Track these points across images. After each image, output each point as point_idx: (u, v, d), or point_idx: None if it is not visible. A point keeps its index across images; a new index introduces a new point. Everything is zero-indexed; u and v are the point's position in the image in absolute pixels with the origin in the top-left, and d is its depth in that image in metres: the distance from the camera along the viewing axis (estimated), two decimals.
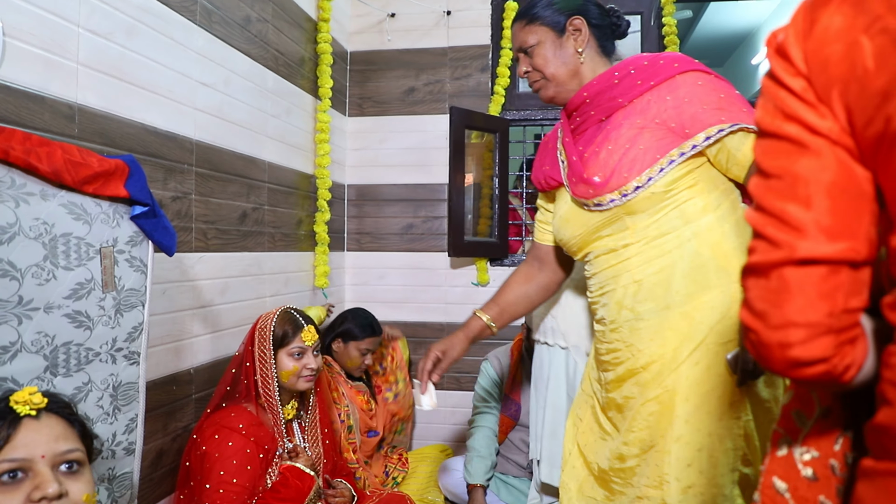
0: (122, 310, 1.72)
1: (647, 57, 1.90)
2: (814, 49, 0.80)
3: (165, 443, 2.35)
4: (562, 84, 1.97)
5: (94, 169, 1.59)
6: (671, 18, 3.76)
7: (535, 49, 1.97)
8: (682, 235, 1.79)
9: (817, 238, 0.78)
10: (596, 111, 1.92)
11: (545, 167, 2.12)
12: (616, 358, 1.89)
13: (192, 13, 2.42)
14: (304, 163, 3.50)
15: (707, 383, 1.75)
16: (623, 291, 1.85)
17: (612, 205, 1.81)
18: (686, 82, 1.79)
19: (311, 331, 2.36)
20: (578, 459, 2.04)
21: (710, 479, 1.73)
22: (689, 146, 1.74)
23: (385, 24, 4.03)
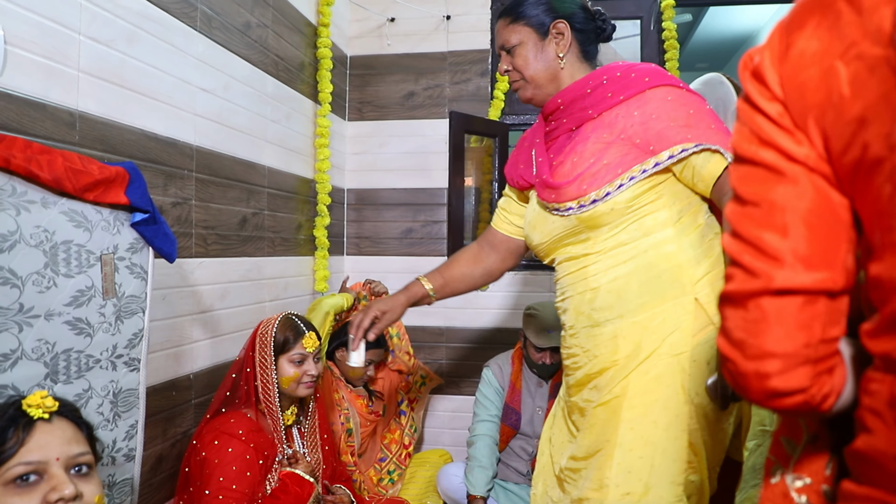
0: (122, 316, 1.72)
1: (620, 67, 1.90)
2: (790, 74, 0.79)
3: (165, 448, 2.35)
4: (540, 87, 1.99)
5: (94, 176, 1.59)
6: (671, 23, 3.77)
7: (516, 49, 1.97)
8: (639, 246, 1.81)
9: (794, 267, 0.78)
10: (568, 119, 1.94)
11: (520, 166, 2.13)
12: (575, 363, 1.92)
13: (192, 19, 2.43)
14: (303, 167, 3.50)
15: (654, 393, 1.77)
16: (580, 298, 1.88)
17: (569, 213, 1.84)
18: (655, 97, 1.80)
19: (312, 337, 2.36)
20: (548, 459, 2.07)
21: (648, 487, 1.74)
22: (651, 163, 1.76)
23: (385, 29, 4.04)
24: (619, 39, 4.09)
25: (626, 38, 4.07)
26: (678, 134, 1.74)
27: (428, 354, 4.00)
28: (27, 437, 1.22)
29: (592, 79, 1.91)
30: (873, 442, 0.76)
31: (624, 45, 4.07)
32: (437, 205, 3.99)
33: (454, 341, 3.98)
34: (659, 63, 3.88)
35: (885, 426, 0.74)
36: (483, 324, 3.95)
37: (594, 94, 1.88)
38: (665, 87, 1.82)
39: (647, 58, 3.92)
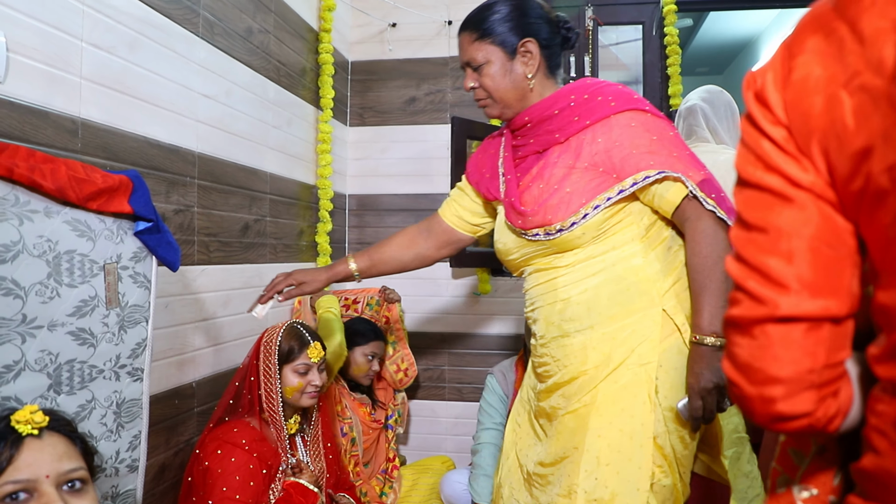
0: (125, 326, 1.71)
1: (588, 87, 1.92)
2: (793, 99, 0.79)
3: (168, 457, 2.33)
4: (509, 106, 1.99)
5: (97, 185, 1.58)
6: (673, 28, 3.76)
7: (484, 68, 1.96)
8: (607, 260, 1.85)
9: (800, 294, 0.77)
10: (535, 140, 1.97)
11: (486, 174, 2.15)
12: (546, 371, 1.95)
13: (194, 25, 2.41)
14: (305, 173, 3.49)
15: (622, 402, 1.80)
16: (550, 309, 1.92)
17: (536, 238, 1.89)
18: (619, 123, 1.84)
19: (317, 347, 2.34)
20: (514, 463, 2.08)
21: (615, 494, 1.76)
22: (615, 191, 1.80)
23: (386, 34, 4.02)
24: (621, 44, 4.08)
25: (627, 43, 4.06)
26: (641, 161, 1.78)
27: (430, 360, 3.98)
28: (15, 455, 1.18)
29: (560, 99, 1.93)
30: (880, 462, 0.76)
31: (626, 49, 4.06)
32: None
33: (456, 347, 3.96)
34: (661, 68, 3.88)
35: (892, 447, 0.75)
36: (485, 330, 3.93)
37: (561, 116, 1.90)
38: (630, 112, 1.85)
39: (648, 63, 3.91)
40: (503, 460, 2.13)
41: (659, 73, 3.89)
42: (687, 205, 1.78)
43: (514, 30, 1.93)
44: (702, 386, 1.71)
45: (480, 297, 3.93)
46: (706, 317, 1.73)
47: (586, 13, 3.91)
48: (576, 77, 3.93)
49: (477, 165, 2.22)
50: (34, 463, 1.19)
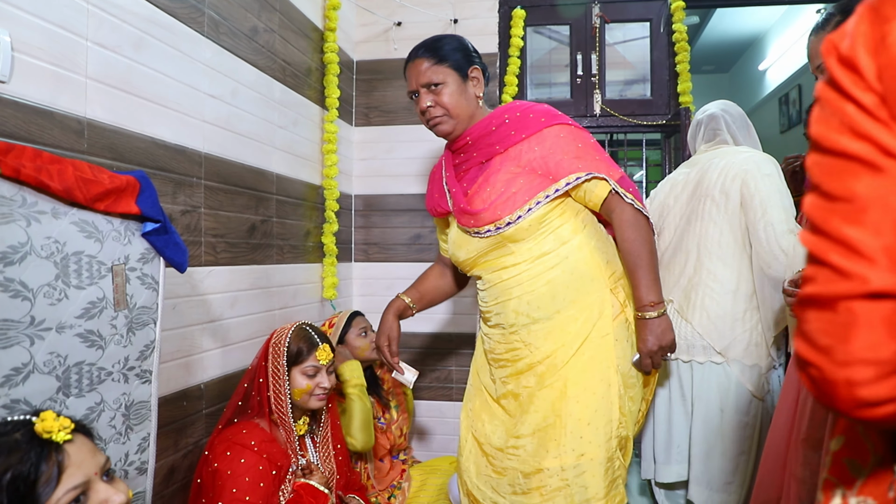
0: (133, 328, 1.69)
1: (519, 108, 2.29)
2: (888, 64, 0.74)
3: (177, 459, 2.32)
4: (461, 122, 2.33)
5: (105, 186, 1.56)
6: (681, 25, 3.74)
7: (441, 88, 2.29)
8: (560, 254, 2.22)
9: (890, 269, 0.72)
10: (478, 153, 2.32)
11: (435, 196, 2.51)
12: (516, 355, 2.29)
13: (199, 24, 2.40)
14: (311, 174, 3.47)
15: (591, 370, 2.19)
16: (518, 301, 2.26)
17: (488, 234, 2.24)
18: (551, 135, 2.22)
19: (325, 349, 2.33)
20: (474, 444, 2.41)
21: (597, 446, 2.16)
22: (552, 190, 2.18)
23: (391, 33, 4.01)
24: (628, 42, 4.05)
25: (634, 41, 4.04)
26: (571, 164, 2.18)
27: (437, 361, 3.97)
28: (64, 462, 1.20)
29: (495, 118, 2.30)
30: None
31: (633, 47, 4.04)
32: None
33: (464, 348, 3.94)
34: (669, 66, 3.86)
35: None
36: None
37: (499, 132, 2.27)
38: (558, 126, 2.24)
39: (656, 60, 3.89)
40: (462, 445, 2.45)
41: (667, 71, 3.88)
42: (611, 199, 2.21)
43: (464, 58, 2.33)
44: (648, 348, 2.21)
45: None
46: (643, 290, 2.20)
47: (593, 11, 3.90)
48: (582, 76, 3.92)
49: (429, 194, 2.57)
50: (82, 464, 1.23)
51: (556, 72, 4.11)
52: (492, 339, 2.37)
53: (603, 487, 2.16)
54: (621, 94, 4.02)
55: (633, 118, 3.85)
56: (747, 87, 8.26)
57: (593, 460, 2.15)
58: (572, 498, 2.15)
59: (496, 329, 2.35)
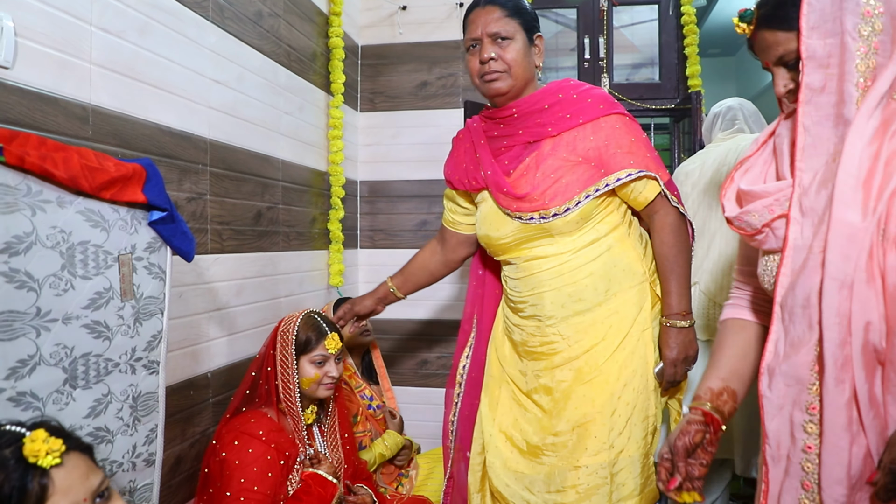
0: (140, 318, 1.67)
1: (574, 88, 2.17)
2: None
3: (184, 449, 2.30)
4: (517, 86, 2.17)
5: (111, 174, 1.53)
6: (689, 7, 3.70)
7: (509, 43, 2.13)
8: (602, 246, 2.14)
9: None
10: (524, 131, 2.18)
11: (463, 166, 2.38)
12: (552, 349, 2.18)
13: (204, 9, 2.36)
14: (317, 160, 3.44)
15: (632, 365, 2.13)
16: (557, 293, 2.15)
17: (532, 222, 2.13)
18: (608, 125, 2.11)
19: (334, 338, 2.31)
20: (500, 439, 2.30)
21: (635, 443, 2.11)
22: (602, 184, 2.08)
23: (396, 17, 3.97)
24: (636, 25, 4.02)
25: (642, 24, 4.00)
26: (624, 160, 2.07)
27: (444, 348, 3.95)
28: (48, 488, 1.11)
29: (548, 94, 2.17)
30: None
31: (640, 30, 4.00)
32: None
33: None
34: (677, 49, 3.82)
35: None
36: None
37: (552, 112, 2.14)
38: (615, 116, 2.13)
39: (664, 44, 3.85)
40: (488, 442, 2.31)
41: (675, 54, 3.83)
42: (658, 201, 2.12)
43: (534, 21, 2.20)
44: (675, 357, 2.12)
45: None
46: (675, 298, 2.12)
47: None
48: (590, 60, 3.88)
49: (455, 165, 2.44)
50: (69, 490, 1.13)
51: (562, 56, 4.07)
52: (524, 330, 2.25)
53: (639, 485, 2.11)
54: (629, 78, 3.98)
55: (641, 102, 3.82)
56: (754, 70, 8.18)
57: (631, 457, 2.10)
58: (609, 496, 2.09)
59: (531, 320, 2.23)
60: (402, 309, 3.90)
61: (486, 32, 2.12)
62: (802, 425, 1.36)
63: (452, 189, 2.48)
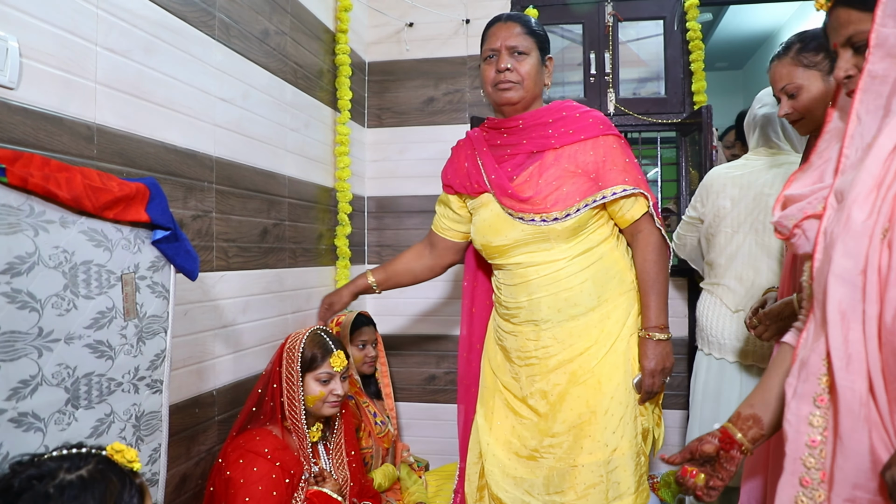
0: (144, 337, 1.67)
1: (576, 108, 2.34)
2: None
3: (189, 467, 2.30)
4: (527, 98, 2.33)
5: (114, 194, 1.54)
6: (695, 23, 3.70)
7: (525, 57, 2.30)
8: (596, 254, 2.28)
9: None
10: (528, 141, 2.32)
11: (465, 171, 2.48)
12: (547, 353, 2.29)
13: (210, 28, 2.37)
14: (323, 176, 3.44)
15: (622, 366, 2.26)
16: (555, 298, 2.27)
17: (533, 223, 2.25)
18: (606, 144, 2.28)
19: (340, 356, 2.30)
20: (497, 447, 2.39)
21: (628, 441, 2.22)
22: (599, 196, 2.23)
23: (403, 34, 3.98)
24: (642, 40, 4.02)
25: (648, 39, 4.00)
26: (619, 177, 2.23)
27: (452, 363, 3.93)
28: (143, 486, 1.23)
29: (553, 111, 2.33)
30: None
31: (646, 45, 4.00)
32: None
33: None
34: (683, 64, 3.82)
35: None
36: None
37: (555, 126, 2.29)
38: (612, 137, 2.30)
39: (670, 58, 3.85)
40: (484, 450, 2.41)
41: (681, 69, 3.83)
42: (644, 220, 2.27)
43: (546, 42, 2.37)
44: (652, 368, 2.23)
45: None
46: (654, 312, 2.25)
47: (606, 9, 3.86)
48: (596, 75, 3.88)
49: (455, 171, 2.55)
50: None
51: (569, 70, 4.07)
52: (518, 336, 2.36)
53: (634, 482, 2.21)
54: (635, 93, 3.98)
55: (647, 117, 3.81)
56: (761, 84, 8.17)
57: (624, 455, 2.20)
58: (606, 494, 2.19)
59: (525, 326, 2.34)
60: (410, 324, 3.92)
61: (504, 45, 2.29)
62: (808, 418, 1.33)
63: (450, 194, 2.59)
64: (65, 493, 1.10)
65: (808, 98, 2.08)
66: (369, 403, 3.15)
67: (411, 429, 4.01)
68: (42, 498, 1.09)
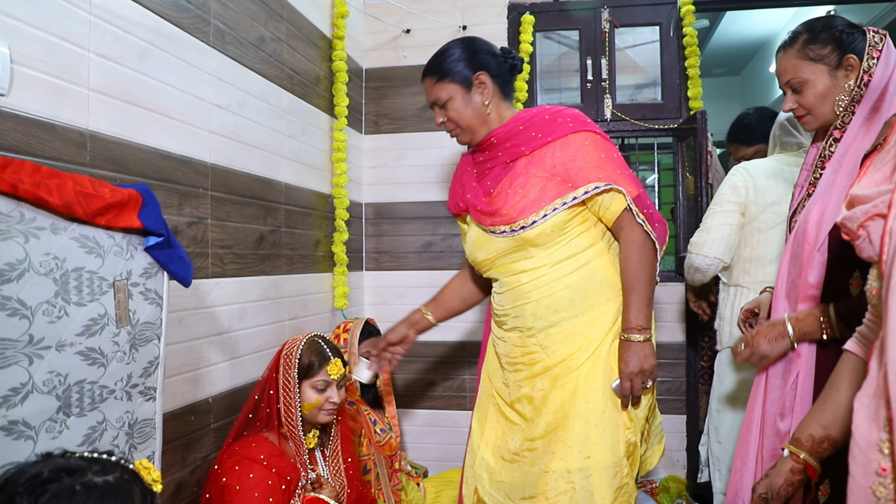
0: (136, 344, 1.66)
1: (548, 111, 2.27)
2: None
3: (184, 475, 2.29)
4: (475, 132, 2.31)
5: (106, 200, 1.53)
6: (691, 28, 3.70)
7: (448, 104, 2.29)
8: (579, 260, 2.21)
9: None
10: (503, 153, 2.29)
11: (456, 190, 2.49)
12: (532, 359, 2.26)
13: (205, 34, 2.37)
14: (320, 182, 3.44)
15: (602, 371, 2.18)
16: (536, 305, 2.23)
17: (503, 235, 2.22)
18: (576, 141, 2.19)
19: (337, 364, 2.29)
20: (487, 451, 2.39)
21: (604, 449, 2.14)
22: (570, 197, 2.15)
23: (400, 40, 3.98)
24: (638, 46, 4.01)
25: (644, 45, 4.00)
26: (591, 173, 2.14)
27: (451, 370, 3.93)
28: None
29: (522, 119, 2.27)
30: None
31: (643, 51, 3.99)
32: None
33: (476, 356, 3.89)
34: (680, 70, 3.82)
35: None
36: None
37: (525, 133, 2.24)
38: (584, 133, 2.21)
39: (667, 64, 3.85)
40: (475, 453, 2.42)
41: (678, 75, 3.83)
42: (624, 216, 2.18)
43: (467, 66, 2.27)
44: (630, 370, 2.14)
45: None
46: (633, 313, 2.16)
47: (602, 15, 3.86)
48: (593, 81, 3.88)
49: (451, 193, 2.54)
50: None
51: (565, 77, 4.07)
52: (507, 342, 2.34)
53: (610, 493, 2.13)
54: (632, 99, 3.97)
55: (644, 122, 3.81)
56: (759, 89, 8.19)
57: (599, 464, 2.13)
58: (577, 503, 2.13)
59: (513, 332, 2.31)
60: None
61: (430, 101, 2.35)
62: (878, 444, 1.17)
63: (455, 215, 2.56)
64: (90, 493, 1.11)
65: (814, 94, 1.99)
66: (369, 411, 3.14)
67: (409, 435, 4.00)
68: (68, 492, 1.09)
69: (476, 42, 2.35)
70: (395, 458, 3.17)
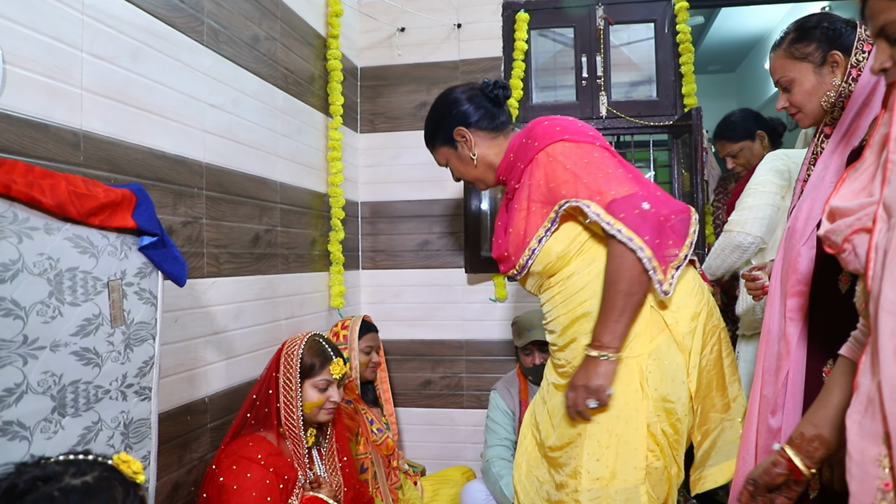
0: (131, 344, 1.66)
1: (524, 132, 2.17)
2: None
3: (181, 475, 2.28)
4: (483, 179, 2.31)
5: (100, 200, 1.53)
6: (685, 25, 3.70)
7: (449, 164, 2.34)
8: (590, 273, 2.05)
9: None
10: (509, 189, 2.24)
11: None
12: (564, 372, 2.14)
13: (198, 34, 2.37)
14: (316, 181, 3.44)
15: (617, 391, 1.99)
16: (562, 320, 2.11)
17: (517, 277, 2.18)
18: (544, 161, 2.06)
19: (339, 363, 2.30)
20: (531, 442, 2.28)
21: (614, 473, 1.98)
22: (549, 221, 2.05)
23: (395, 39, 3.98)
24: (633, 43, 4.01)
25: (639, 42, 4.00)
26: (558, 191, 2.02)
27: (448, 368, 3.93)
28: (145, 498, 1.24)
29: (511, 147, 2.21)
30: None
31: (638, 48, 3.99)
32: (453, 216, 3.93)
33: (474, 354, 3.90)
34: (674, 66, 3.82)
35: None
36: (502, 336, 3.87)
37: (515, 163, 2.18)
38: (547, 148, 2.06)
39: (661, 61, 3.85)
40: (521, 439, 2.32)
41: (672, 72, 3.83)
42: (600, 226, 1.96)
43: (446, 128, 2.26)
44: (574, 381, 2.00)
45: (497, 303, 3.87)
46: (598, 328, 1.97)
47: (597, 12, 3.86)
48: (588, 78, 3.88)
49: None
50: None
51: (560, 74, 4.07)
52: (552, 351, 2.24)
53: None
54: (627, 96, 3.97)
55: (639, 119, 3.81)
56: (754, 86, 8.19)
57: (608, 488, 1.98)
58: None
59: (553, 346, 2.21)
60: (404, 329, 3.91)
61: (440, 165, 2.39)
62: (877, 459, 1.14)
63: None
64: (69, 497, 1.10)
65: (801, 92, 2.00)
66: (367, 410, 3.14)
67: (407, 434, 4.00)
68: (46, 500, 1.09)
69: (449, 96, 2.29)
70: (392, 456, 3.17)
